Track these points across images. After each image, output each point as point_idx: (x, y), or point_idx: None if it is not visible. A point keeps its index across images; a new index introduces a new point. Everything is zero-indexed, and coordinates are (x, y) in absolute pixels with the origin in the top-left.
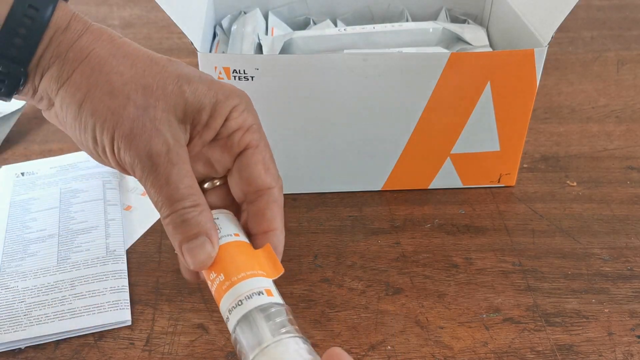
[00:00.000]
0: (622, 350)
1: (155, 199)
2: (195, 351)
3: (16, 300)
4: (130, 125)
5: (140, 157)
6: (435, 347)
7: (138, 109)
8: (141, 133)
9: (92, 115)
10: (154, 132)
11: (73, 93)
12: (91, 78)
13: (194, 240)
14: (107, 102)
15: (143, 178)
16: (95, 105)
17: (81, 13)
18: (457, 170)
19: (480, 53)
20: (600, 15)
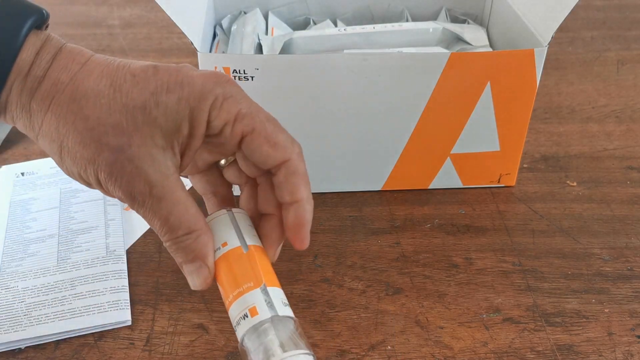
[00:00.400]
0: (622, 350)
1: (152, 227)
2: (195, 351)
3: (16, 300)
4: (109, 170)
5: (127, 196)
6: (435, 347)
7: (113, 152)
8: (122, 175)
9: (74, 164)
10: (135, 173)
11: (49, 144)
12: (60, 129)
13: (191, 264)
14: (81, 153)
15: (136, 211)
16: (72, 156)
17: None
18: (457, 170)
19: (480, 53)
20: (600, 15)
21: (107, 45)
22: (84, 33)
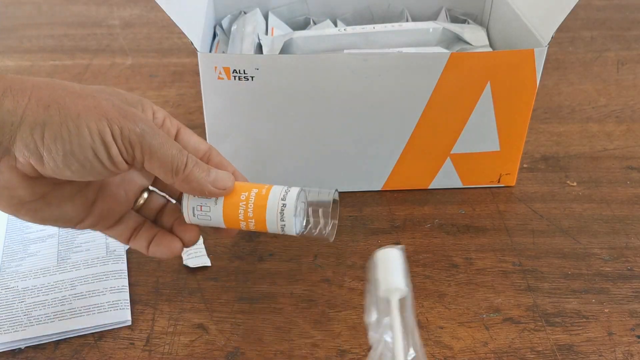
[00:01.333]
0: (622, 350)
1: (169, 164)
2: (195, 351)
3: (16, 300)
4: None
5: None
6: (435, 347)
7: (115, 106)
8: (135, 122)
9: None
10: (142, 118)
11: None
12: (53, 96)
13: (213, 172)
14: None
15: (149, 162)
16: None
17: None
18: (457, 170)
19: (480, 53)
20: (600, 15)
21: (107, 45)
22: (84, 33)
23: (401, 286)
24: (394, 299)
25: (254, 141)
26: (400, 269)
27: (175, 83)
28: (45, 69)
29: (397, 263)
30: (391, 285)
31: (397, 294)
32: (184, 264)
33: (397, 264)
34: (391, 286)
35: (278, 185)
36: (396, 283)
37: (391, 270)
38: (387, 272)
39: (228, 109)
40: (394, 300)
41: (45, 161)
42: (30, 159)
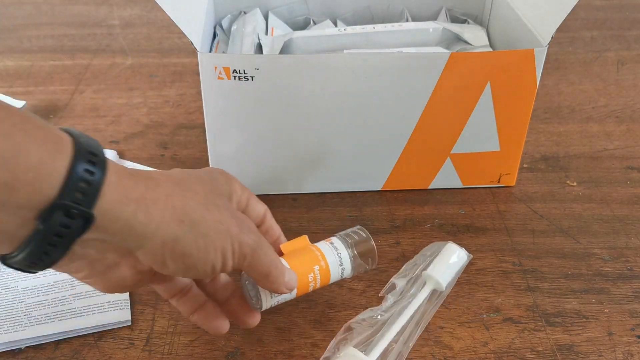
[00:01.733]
0: (622, 350)
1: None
2: (195, 351)
3: (16, 300)
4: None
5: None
6: (435, 347)
7: (239, 221)
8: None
9: (209, 240)
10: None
11: (177, 224)
12: (186, 205)
13: (287, 275)
14: (218, 225)
15: (254, 265)
16: (207, 230)
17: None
18: (457, 170)
19: (480, 53)
20: (600, 15)
21: (107, 45)
22: (84, 33)
23: (443, 283)
24: (429, 286)
25: (254, 141)
26: (454, 272)
27: (175, 83)
28: (45, 69)
29: (457, 266)
30: (438, 276)
31: (435, 285)
32: None
33: (456, 267)
34: (437, 276)
35: (323, 244)
36: (442, 279)
37: (447, 266)
38: (444, 264)
39: (228, 109)
40: (428, 287)
41: (168, 268)
42: (153, 265)
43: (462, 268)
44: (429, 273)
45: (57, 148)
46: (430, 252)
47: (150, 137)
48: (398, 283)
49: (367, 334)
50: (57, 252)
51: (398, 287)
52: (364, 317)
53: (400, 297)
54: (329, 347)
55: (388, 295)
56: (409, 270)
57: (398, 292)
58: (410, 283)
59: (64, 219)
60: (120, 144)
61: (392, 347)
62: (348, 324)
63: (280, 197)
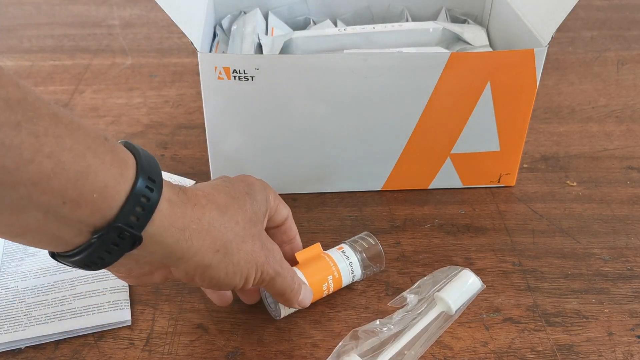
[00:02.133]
0: (622, 350)
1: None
2: (195, 351)
3: (16, 300)
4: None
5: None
6: (435, 347)
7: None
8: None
9: (240, 261)
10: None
11: (211, 243)
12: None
13: (302, 292)
14: (249, 249)
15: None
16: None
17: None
18: (457, 170)
19: (480, 53)
20: (600, 15)
21: (106, 45)
22: (84, 33)
23: (453, 308)
24: (440, 307)
25: (254, 141)
26: (466, 298)
27: (175, 83)
28: (45, 69)
29: (470, 293)
30: (449, 300)
31: (445, 308)
32: None
33: (469, 294)
34: (448, 300)
35: (335, 252)
36: (453, 303)
37: (461, 292)
38: (457, 289)
39: (228, 109)
40: (439, 308)
41: (195, 283)
42: (182, 278)
43: (474, 296)
44: (441, 295)
45: (122, 173)
46: (445, 275)
47: (150, 137)
48: (409, 298)
49: (373, 345)
50: (103, 263)
51: (409, 303)
52: (372, 328)
53: (409, 312)
54: (332, 353)
55: (398, 310)
56: (423, 288)
57: (409, 308)
58: (421, 301)
59: (116, 239)
60: None
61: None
62: (354, 331)
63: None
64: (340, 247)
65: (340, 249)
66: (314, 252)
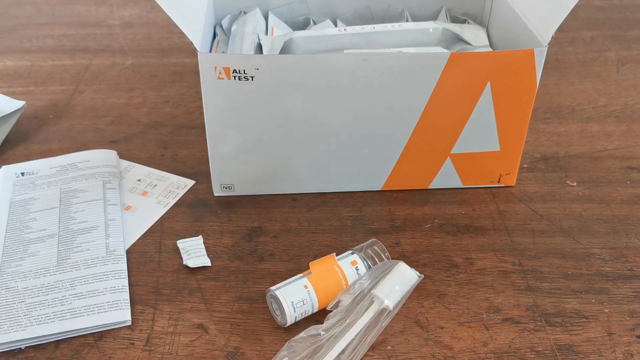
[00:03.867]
0: (622, 350)
1: None
2: (195, 351)
3: (16, 300)
4: None
5: None
6: (435, 347)
7: None
8: None
9: None
10: None
11: None
12: None
13: None
14: None
15: None
16: None
17: None
18: (457, 170)
19: (480, 53)
20: (600, 15)
21: (107, 45)
22: (84, 33)
23: (391, 303)
24: (376, 305)
25: (254, 141)
26: (403, 292)
27: (175, 83)
28: (45, 69)
29: (406, 287)
30: (385, 295)
31: (382, 304)
32: (184, 264)
33: (406, 287)
34: (384, 296)
35: (347, 266)
36: (390, 298)
37: (396, 286)
38: (393, 284)
39: (228, 109)
40: (375, 306)
41: None
42: None
43: (412, 288)
44: (377, 293)
45: None
46: (380, 271)
47: (150, 137)
48: (343, 300)
49: (309, 351)
50: None
51: (343, 304)
52: (307, 335)
53: (345, 315)
54: None
55: (330, 314)
56: (359, 287)
57: (343, 310)
58: (356, 301)
59: None
60: (120, 144)
61: None
62: (289, 342)
63: (280, 197)
64: (354, 261)
65: (354, 263)
66: (328, 263)
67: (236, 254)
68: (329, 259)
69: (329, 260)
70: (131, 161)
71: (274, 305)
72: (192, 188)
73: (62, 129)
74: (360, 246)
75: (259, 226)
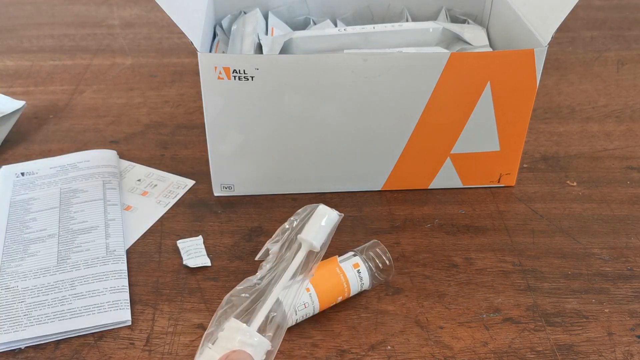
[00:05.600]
0: (622, 350)
1: None
2: (195, 351)
3: (16, 300)
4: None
5: None
6: (435, 347)
7: None
8: None
9: None
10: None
11: None
12: None
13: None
14: None
15: None
16: None
17: None
18: (457, 170)
19: (480, 53)
20: (600, 15)
21: (107, 45)
22: (84, 33)
23: (318, 244)
24: (305, 249)
25: (254, 141)
26: (327, 232)
27: (175, 83)
28: (45, 69)
29: (329, 227)
30: (311, 238)
31: (310, 247)
32: (184, 264)
33: (329, 228)
34: (311, 239)
35: (349, 268)
36: (316, 240)
37: (320, 228)
38: (317, 226)
39: (228, 109)
40: (303, 250)
41: None
42: None
43: (334, 227)
44: (303, 236)
45: None
46: (301, 217)
47: (150, 137)
48: (272, 248)
49: (247, 303)
50: None
51: (272, 253)
52: (242, 287)
53: (276, 262)
54: (210, 323)
55: (263, 263)
56: (281, 235)
57: (273, 258)
58: (284, 247)
59: None
60: (120, 144)
61: (274, 312)
62: (227, 296)
63: (280, 197)
64: (357, 264)
65: (357, 266)
66: (330, 266)
67: (236, 254)
68: (331, 262)
69: (331, 262)
70: (131, 161)
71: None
72: (192, 188)
73: (62, 129)
74: (361, 247)
75: (259, 226)
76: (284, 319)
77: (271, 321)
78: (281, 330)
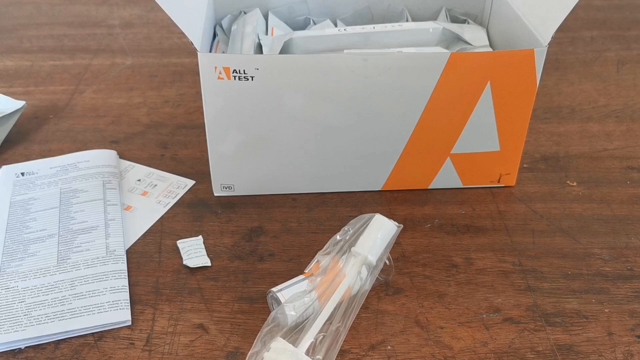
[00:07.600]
0: (622, 350)
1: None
2: (195, 351)
3: (16, 300)
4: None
5: None
6: (435, 347)
7: None
8: None
9: None
10: None
11: None
12: None
13: None
14: None
15: None
16: None
17: None
18: (457, 170)
19: (480, 53)
20: (600, 15)
21: (107, 45)
22: (84, 33)
23: (373, 258)
24: (358, 263)
25: (254, 141)
26: (384, 245)
27: (175, 83)
28: (45, 69)
29: (387, 239)
30: (366, 251)
31: (364, 261)
32: (184, 264)
33: (386, 240)
34: (365, 252)
35: (352, 272)
36: (372, 253)
37: (376, 240)
38: (372, 238)
39: (228, 109)
40: (357, 264)
41: None
42: None
43: (392, 240)
44: (357, 250)
45: None
46: (356, 227)
47: (150, 137)
48: (322, 260)
49: (295, 321)
50: None
51: (322, 266)
52: (290, 303)
53: (327, 276)
54: (255, 342)
55: (313, 276)
56: (332, 246)
57: (323, 272)
58: (337, 260)
59: None
60: (120, 144)
61: (324, 333)
62: (273, 313)
63: (280, 197)
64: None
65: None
66: (332, 271)
67: (236, 254)
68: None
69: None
70: (131, 161)
71: (274, 306)
72: (192, 188)
73: (62, 129)
74: None
75: (259, 226)
76: (335, 340)
77: (321, 342)
78: (332, 352)
